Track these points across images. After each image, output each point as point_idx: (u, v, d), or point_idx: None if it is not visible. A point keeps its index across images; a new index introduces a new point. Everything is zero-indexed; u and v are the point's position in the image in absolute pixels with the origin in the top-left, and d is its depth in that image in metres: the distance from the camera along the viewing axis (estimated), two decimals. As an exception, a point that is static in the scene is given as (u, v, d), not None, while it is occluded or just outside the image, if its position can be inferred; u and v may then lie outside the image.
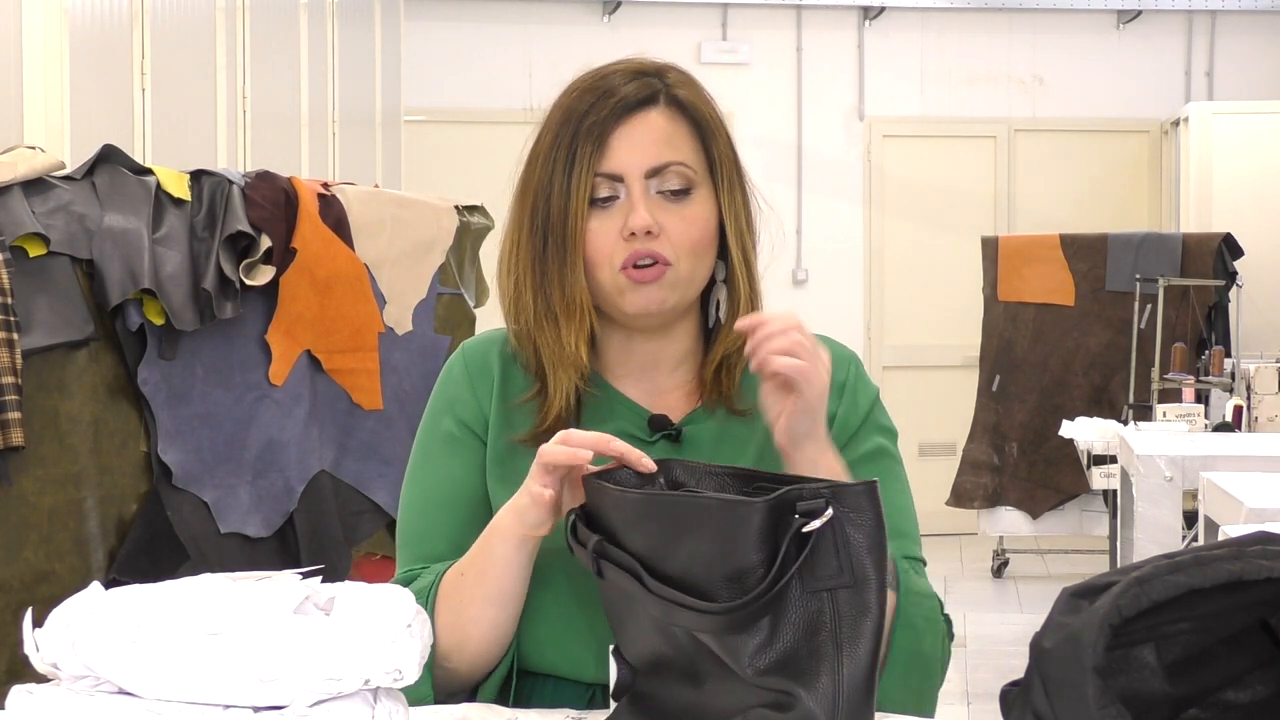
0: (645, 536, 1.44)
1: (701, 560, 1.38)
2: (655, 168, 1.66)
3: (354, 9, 6.95)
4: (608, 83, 1.68)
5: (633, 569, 1.43)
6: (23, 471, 2.93)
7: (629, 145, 1.66)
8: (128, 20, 4.37)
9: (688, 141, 1.68)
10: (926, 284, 9.44)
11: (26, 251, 2.96)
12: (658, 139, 1.66)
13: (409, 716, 1.33)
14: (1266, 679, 1.22)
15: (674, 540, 1.41)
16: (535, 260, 1.68)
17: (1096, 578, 1.16)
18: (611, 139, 1.65)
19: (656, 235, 1.65)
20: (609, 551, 1.46)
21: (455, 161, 9.00)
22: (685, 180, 1.67)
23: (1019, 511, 7.92)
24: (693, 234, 1.66)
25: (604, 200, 1.66)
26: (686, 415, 1.72)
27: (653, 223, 1.64)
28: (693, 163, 1.67)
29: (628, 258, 1.65)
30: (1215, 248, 7.76)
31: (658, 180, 1.66)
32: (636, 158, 1.66)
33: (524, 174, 1.71)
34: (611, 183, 1.66)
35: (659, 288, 1.66)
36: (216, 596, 1.25)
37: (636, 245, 1.64)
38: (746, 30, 9.45)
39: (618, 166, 1.65)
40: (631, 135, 1.66)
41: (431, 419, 1.76)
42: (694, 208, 1.67)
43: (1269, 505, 3.24)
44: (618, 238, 1.65)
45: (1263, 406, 6.32)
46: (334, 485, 3.42)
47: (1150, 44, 9.52)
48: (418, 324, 3.55)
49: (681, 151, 1.67)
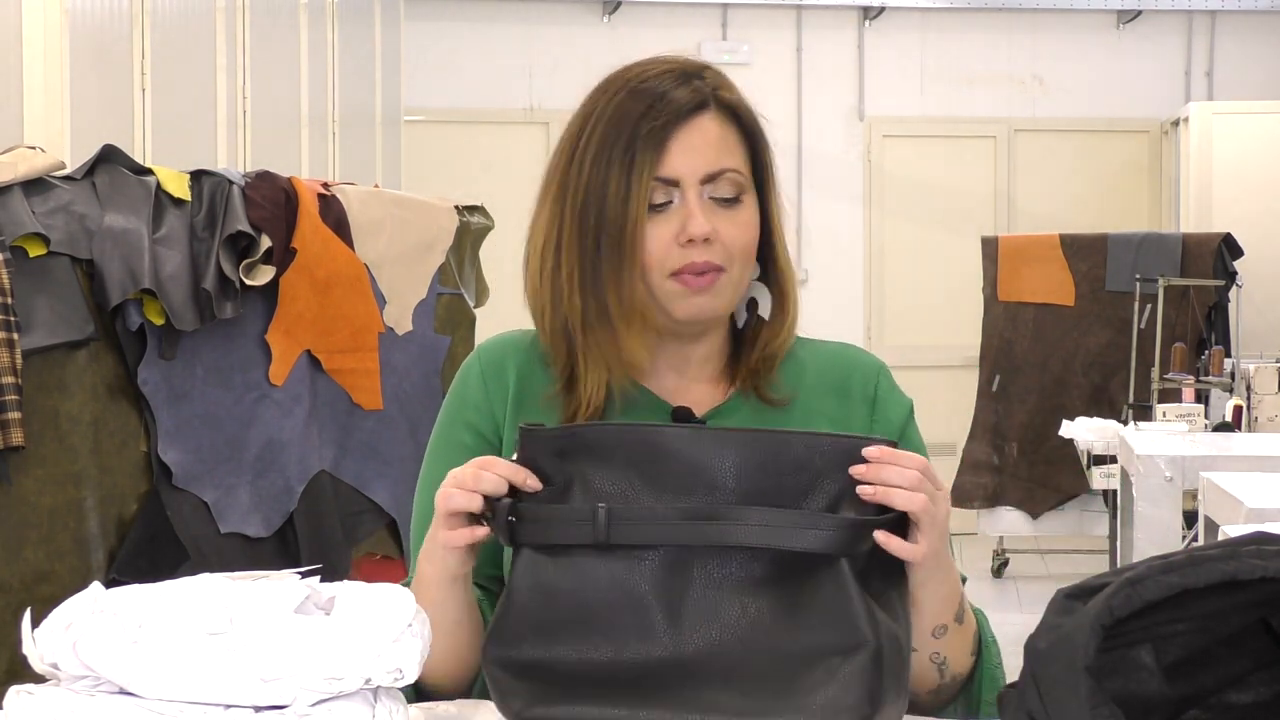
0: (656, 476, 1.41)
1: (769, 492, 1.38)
2: (711, 174, 1.65)
3: (354, 9, 6.95)
4: (659, 86, 1.67)
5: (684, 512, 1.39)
6: (23, 471, 2.93)
7: (686, 151, 1.65)
8: (128, 20, 4.38)
9: (739, 147, 1.68)
10: (926, 284, 9.44)
11: (26, 251, 2.96)
12: (713, 144, 1.66)
13: (409, 716, 1.33)
14: (1268, 680, 1.22)
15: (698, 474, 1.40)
16: (587, 262, 1.66)
17: (1091, 579, 1.17)
18: (671, 144, 1.65)
19: (712, 242, 1.65)
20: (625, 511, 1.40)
21: (455, 161, 9.01)
22: (737, 187, 1.67)
23: (1019, 511, 7.92)
24: (744, 239, 1.67)
25: (659, 206, 1.65)
26: (712, 408, 1.72)
27: (711, 229, 1.64)
28: (743, 169, 1.68)
29: (684, 266, 1.65)
30: (1215, 248, 7.76)
31: (711, 187, 1.66)
32: (693, 163, 1.65)
33: (564, 172, 1.68)
34: (666, 188, 1.65)
35: (713, 294, 1.66)
36: (217, 596, 1.26)
37: (693, 253, 1.64)
38: (746, 30, 9.45)
39: (674, 172, 1.65)
40: (690, 140, 1.65)
41: (444, 423, 1.76)
42: (745, 213, 1.67)
43: (1269, 505, 3.24)
44: (671, 243, 1.65)
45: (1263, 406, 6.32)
46: (334, 485, 3.42)
47: (1150, 44, 9.52)
48: (418, 324, 3.55)
49: (735, 157, 1.67)
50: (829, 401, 1.73)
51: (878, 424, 1.72)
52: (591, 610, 1.38)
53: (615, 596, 1.38)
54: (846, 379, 1.75)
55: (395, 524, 3.51)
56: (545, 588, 1.40)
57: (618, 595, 1.38)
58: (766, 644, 1.36)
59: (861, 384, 1.74)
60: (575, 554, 1.39)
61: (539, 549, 1.41)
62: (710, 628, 1.37)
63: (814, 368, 1.75)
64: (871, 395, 1.73)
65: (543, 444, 1.43)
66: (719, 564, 1.38)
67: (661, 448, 1.40)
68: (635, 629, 1.37)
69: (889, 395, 1.74)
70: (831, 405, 1.73)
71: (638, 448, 1.40)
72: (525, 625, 1.40)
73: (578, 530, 1.38)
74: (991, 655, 1.64)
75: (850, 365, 1.76)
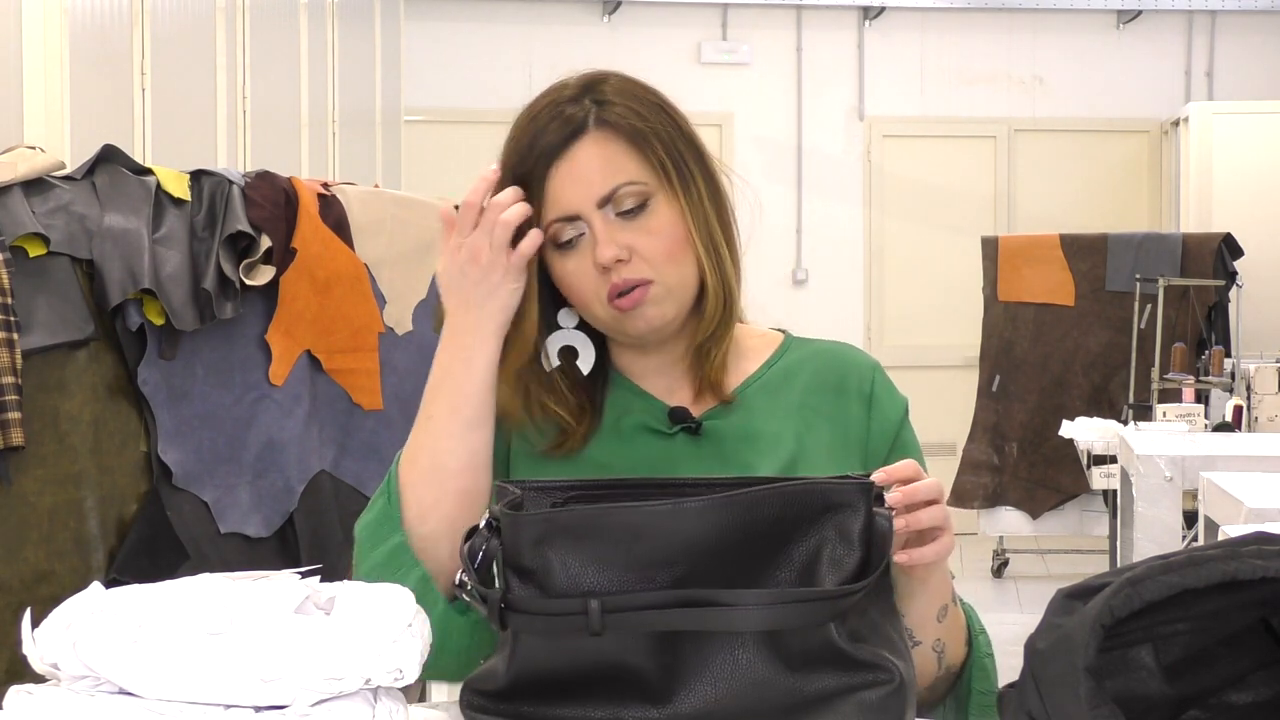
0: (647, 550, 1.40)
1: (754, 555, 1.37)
2: (604, 196, 1.64)
3: (354, 9, 6.95)
4: (535, 125, 1.66)
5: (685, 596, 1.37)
6: (23, 471, 2.93)
7: (570, 183, 1.64)
8: (128, 20, 4.38)
9: (628, 157, 1.65)
10: (926, 284, 9.44)
11: (26, 251, 2.96)
12: (597, 167, 1.64)
13: (409, 716, 1.33)
14: (1268, 680, 1.22)
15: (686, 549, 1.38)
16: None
17: (1091, 579, 1.17)
18: (550, 184, 1.64)
19: (628, 260, 1.64)
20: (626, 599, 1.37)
21: (455, 161, 9.01)
22: (639, 196, 1.65)
23: (1019, 511, 7.92)
24: (662, 245, 1.65)
25: (570, 241, 1.65)
26: (709, 410, 1.71)
27: (618, 250, 1.63)
28: (640, 176, 1.65)
29: (609, 290, 1.64)
30: (1215, 248, 7.76)
31: (612, 205, 1.64)
32: (580, 192, 1.64)
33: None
34: (573, 223, 1.64)
35: (650, 306, 1.65)
36: (217, 596, 1.26)
37: (612, 277, 1.64)
38: (746, 30, 9.45)
39: (568, 207, 1.64)
40: (571, 172, 1.64)
41: None
42: (655, 219, 1.65)
43: (1269, 505, 3.24)
44: (595, 273, 1.64)
45: (1263, 406, 6.32)
46: (334, 485, 3.42)
47: (1150, 44, 9.52)
48: (418, 324, 3.55)
49: (625, 170, 1.65)
50: (825, 400, 1.73)
51: (874, 422, 1.72)
52: (588, 682, 1.38)
53: (611, 671, 1.37)
54: (843, 377, 1.74)
55: (395, 524, 3.50)
56: (538, 665, 1.38)
57: (614, 670, 1.37)
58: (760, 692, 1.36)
59: (857, 382, 1.74)
60: (567, 639, 1.38)
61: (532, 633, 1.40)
62: (704, 684, 1.36)
63: (809, 368, 1.75)
64: (868, 393, 1.73)
65: (523, 530, 1.40)
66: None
67: (642, 527, 1.37)
68: (633, 693, 1.37)
69: (885, 393, 1.75)
70: (828, 403, 1.73)
71: (618, 530, 1.38)
72: (519, 689, 1.39)
73: (570, 622, 1.36)
74: (981, 645, 1.65)
75: (846, 364, 1.76)
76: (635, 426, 1.71)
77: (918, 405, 1.79)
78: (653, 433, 1.70)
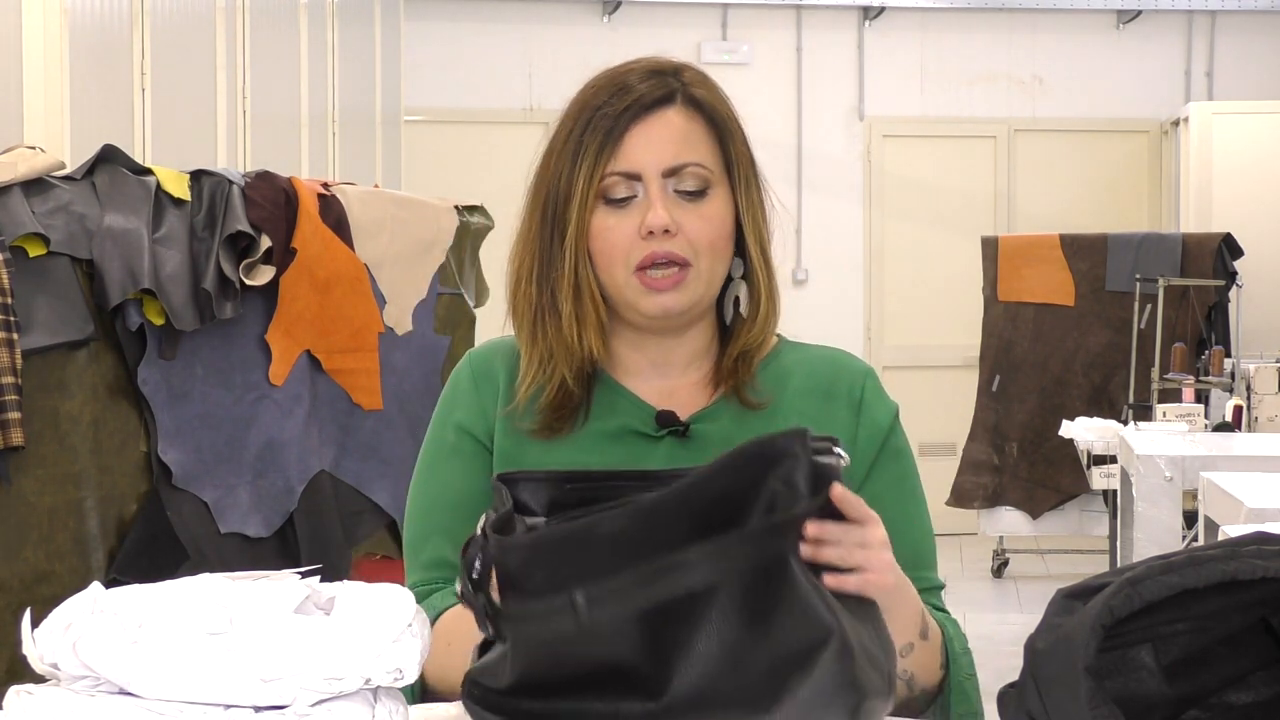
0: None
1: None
2: (673, 167, 1.65)
3: (354, 9, 6.96)
4: (624, 80, 1.67)
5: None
6: (23, 471, 2.93)
7: (646, 144, 1.65)
8: (128, 20, 4.38)
9: (705, 141, 1.67)
10: (926, 284, 9.44)
11: (26, 251, 2.96)
12: (675, 138, 1.66)
13: (409, 716, 1.33)
14: (1268, 680, 1.22)
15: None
16: (542, 251, 1.68)
17: (1091, 579, 1.17)
18: (627, 137, 1.65)
19: (674, 234, 1.64)
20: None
21: (455, 161, 9.01)
22: (702, 181, 1.66)
23: (1019, 511, 7.92)
24: (710, 232, 1.66)
25: (622, 200, 1.65)
26: (696, 412, 1.71)
27: (671, 221, 1.63)
28: (709, 163, 1.67)
29: (645, 257, 1.64)
30: (1215, 248, 7.76)
31: (675, 180, 1.65)
32: (654, 156, 1.65)
33: (538, 171, 1.70)
34: (629, 182, 1.65)
35: (677, 291, 1.65)
36: (217, 596, 1.26)
37: (654, 245, 1.64)
38: (746, 30, 9.45)
39: (635, 165, 1.64)
40: (649, 134, 1.65)
41: (436, 426, 1.76)
42: (711, 206, 1.66)
43: (1269, 505, 3.25)
44: (634, 236, 1.64)
45: (1263, 406, 6.32)
46: (334, 485, 3.42)
47: (1150, 44, 9.53)
48: (418, 324, 3.55)
49: (699, 151, 1.66)
50: (813, 404, 1.72)
51: (862, 427, 1.72)
52: (586, 679, 1.38)
53: (606, 667, 1.37)
54: (832, 382, 1.74)
55: (395, 524, 3.51)
56: (538, 666, 1.39)
57: (608, 665, 1.37)
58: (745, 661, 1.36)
59: (847, 387, 1.74)
60: (560, 638, 1.38)
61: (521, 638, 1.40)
62: (692, 667, 1.37)
63: (801, 372, 1.75)
64: (857, 398, 1.73)
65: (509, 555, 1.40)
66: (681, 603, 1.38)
67: (622, 533, 1.38)
68: (629, 687, 1.37)
69: (875, 398, 1.74)
70: (815, 407, 1.72)
71: (604, 540, 1.38)
72: (521, 688, 1.40)
73: (560, 621, 1.36)
74: (961, 668, 1.63)
75: (837, 369, 1.76)
76: (621, 430, 1.70)
77: (918, 405, 1.80)
78: (639, 436, 1.70)
